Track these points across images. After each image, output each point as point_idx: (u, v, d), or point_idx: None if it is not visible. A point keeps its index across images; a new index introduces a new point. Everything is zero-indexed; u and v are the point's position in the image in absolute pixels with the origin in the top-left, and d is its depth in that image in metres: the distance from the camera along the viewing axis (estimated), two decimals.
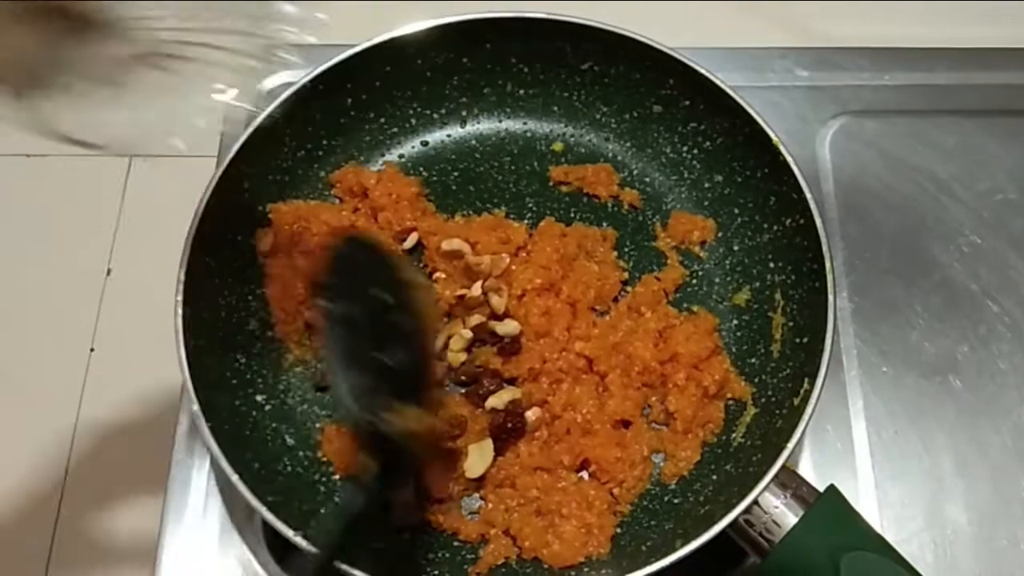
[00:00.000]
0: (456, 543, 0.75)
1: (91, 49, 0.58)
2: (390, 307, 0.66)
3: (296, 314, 0.82)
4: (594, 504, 0.75)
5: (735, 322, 0.83)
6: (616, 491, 0.77)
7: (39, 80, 0.57)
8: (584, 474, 0.78)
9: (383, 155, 0.90)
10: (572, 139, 0.91)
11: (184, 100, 0.60)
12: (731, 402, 0.80)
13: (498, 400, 0.78)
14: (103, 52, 0.58)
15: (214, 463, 0.80)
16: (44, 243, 0.96)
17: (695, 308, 0.84)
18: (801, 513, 0.68)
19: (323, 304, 0.67)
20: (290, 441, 0.79)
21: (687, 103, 0.87)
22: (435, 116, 0.91)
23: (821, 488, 0.70)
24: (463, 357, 0.81)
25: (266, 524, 0.71)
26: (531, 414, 0.78)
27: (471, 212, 0.88)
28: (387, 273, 0.68)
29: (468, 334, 0.80)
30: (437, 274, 0.84)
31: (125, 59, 0.59)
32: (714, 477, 0.77)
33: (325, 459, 0.78)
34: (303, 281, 0.81)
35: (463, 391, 0.80)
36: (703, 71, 0.84)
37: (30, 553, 0.83)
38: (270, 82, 0.95)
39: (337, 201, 0.88)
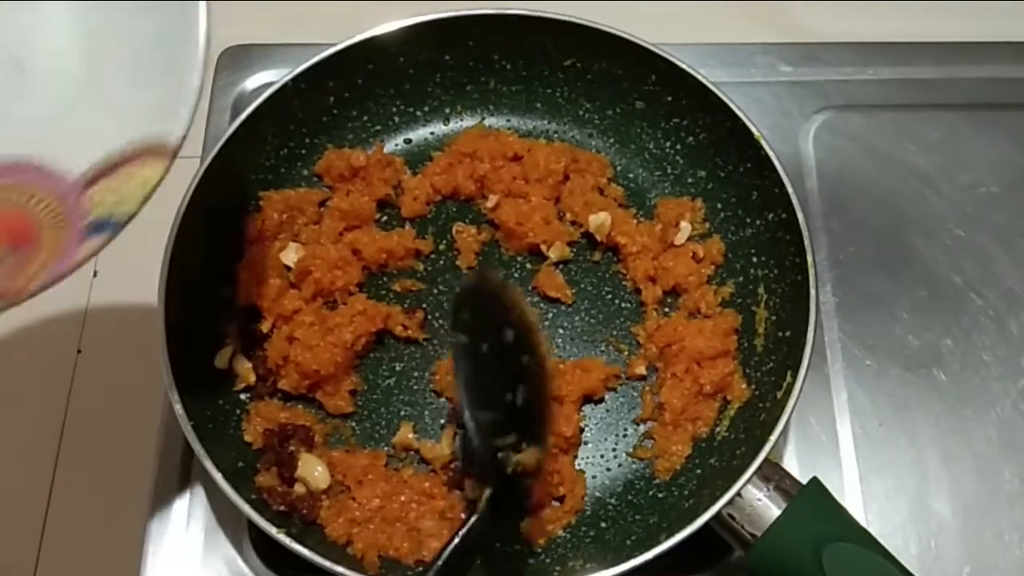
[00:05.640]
0: None
1: None
2: (515, 346, 0.67)
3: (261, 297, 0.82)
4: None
5: None
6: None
7: None
8: None
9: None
10: (555, 135, 0.91)
11: None
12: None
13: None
14: None
15: (198, 463, 0.80)
16: None
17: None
18: (784, 506, 0.68)
19: (458, 338, 0.67)
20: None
21: (670, 99, 0.87)
22: (418, 114, 0.91)
23: (806, 481, 0.70)
24: None
25: (251, 523, 0.71)
26: None
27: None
28: (511, 312, 0.68)
29: None
30: None
31: None
32: (699, 471, 0.77)
33: None
34: (275, 271, 0.82)
35: None
36: (685, 67, 0.84)
37: (18, 553, 0.83)
38: (252, 81, 0.96)
39: (327, 189, 0.88)
